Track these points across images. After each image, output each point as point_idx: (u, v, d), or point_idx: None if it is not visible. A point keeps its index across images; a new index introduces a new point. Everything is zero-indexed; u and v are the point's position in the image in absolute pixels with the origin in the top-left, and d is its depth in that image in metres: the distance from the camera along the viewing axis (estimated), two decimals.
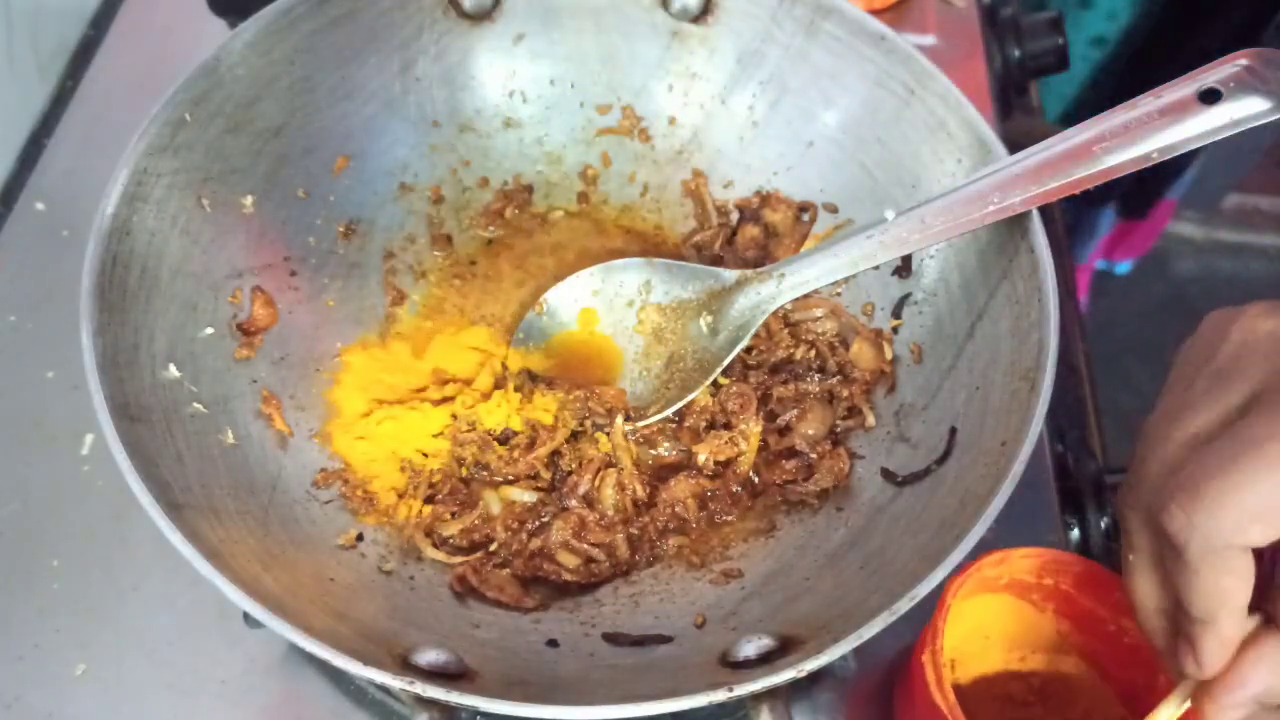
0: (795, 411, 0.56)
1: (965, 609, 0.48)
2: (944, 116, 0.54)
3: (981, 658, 0.53)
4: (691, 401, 0.56)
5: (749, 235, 0.62)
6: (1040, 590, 0.50)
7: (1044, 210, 0.49)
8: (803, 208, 0.61)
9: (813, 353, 0.58)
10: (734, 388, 0.56)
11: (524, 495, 0.54)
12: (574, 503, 0.53)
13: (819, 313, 0.58)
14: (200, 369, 0.50)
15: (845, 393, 0.56)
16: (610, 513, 0.53)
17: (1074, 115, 1.15)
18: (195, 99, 0.51)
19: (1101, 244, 1.52)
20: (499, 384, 0.58)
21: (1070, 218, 1.33)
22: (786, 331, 0.59)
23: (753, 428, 0.55)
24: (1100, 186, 0.46)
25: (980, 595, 0.49)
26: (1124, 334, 1.80)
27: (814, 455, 0.54)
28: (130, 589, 0.55)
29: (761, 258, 0.62)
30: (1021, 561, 0.48)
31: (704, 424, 0.56)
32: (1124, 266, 1.63)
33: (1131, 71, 1.10)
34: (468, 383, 0.58)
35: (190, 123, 0.51)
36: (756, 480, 0.55)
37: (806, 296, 0.57)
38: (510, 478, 0.54)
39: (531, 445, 0.55)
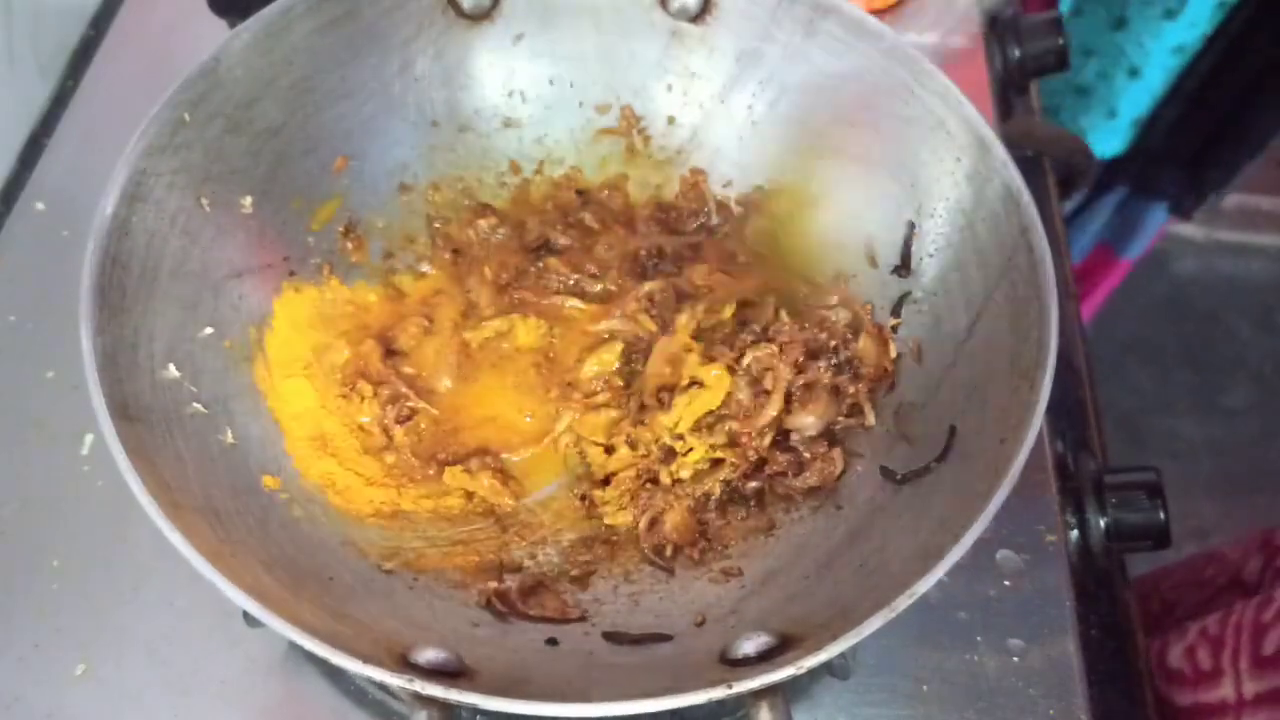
0: (801, 387, 0.55)
1: None
2: (943, 116, 0.54)
3: None
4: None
5: (757, 227, 0.62)
6: None
7: (1044, 210, 0.49)
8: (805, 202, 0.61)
9: (825, 335, 0.57)
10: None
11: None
12: None
13: (833, 300, 0.58)
14: (200, 369, 0.50)
15: (851, 389, 0.56)
16: None
17: (1151, 122, 1.15)
18: (195, 99, 0.51)
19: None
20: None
21: (1123, 210, 1.33)
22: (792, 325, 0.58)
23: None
24: (1152, 179, 0.44)
25: None
26: (1124, 334, 1.81)
27: (807, 455, 0.54)
28: (130, 589, 0.55)
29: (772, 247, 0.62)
30: None
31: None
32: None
33: (1212, 78, 1.10)
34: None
35: (190, 123, 0.51)
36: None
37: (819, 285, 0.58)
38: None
39: None
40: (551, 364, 0.58)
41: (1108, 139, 1.16)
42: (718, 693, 0.37)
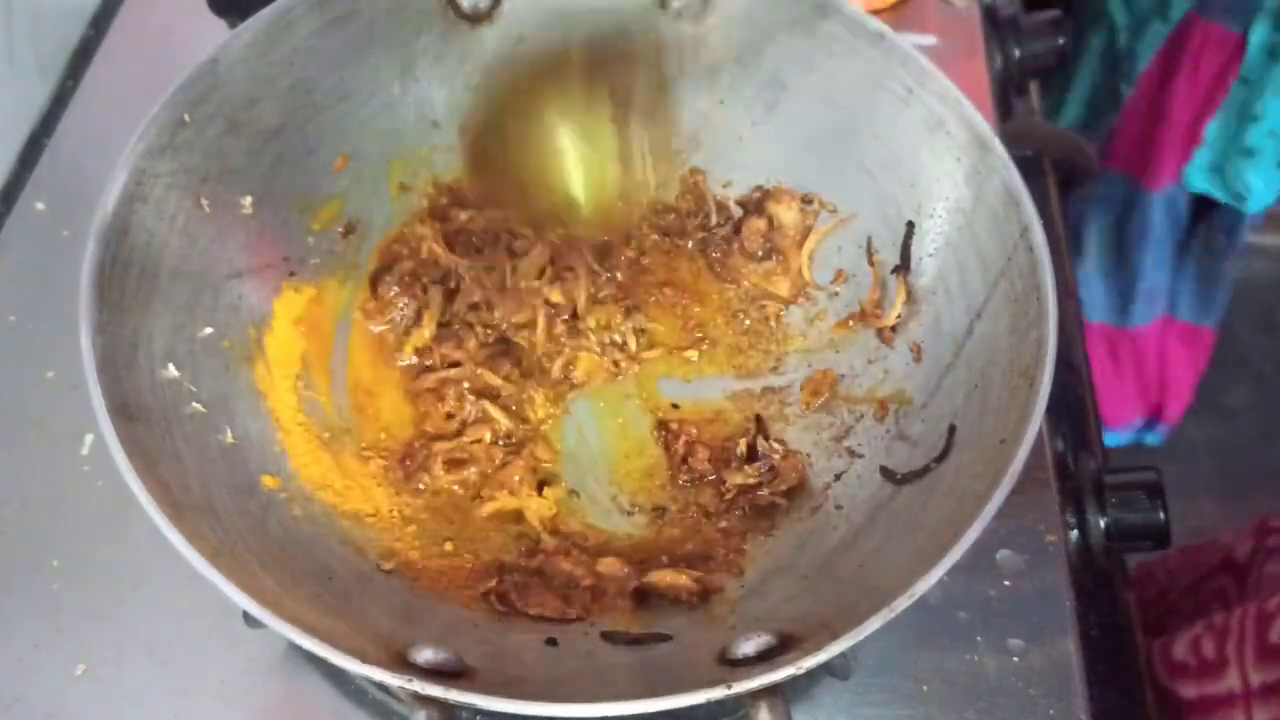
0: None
1: None
2: (943, 115, 0.54)
3: None
4: None
5: (754, 228, 0.62)
6: None
7: (1044, 210, 0.49)
8: (805, 199, 0.61)
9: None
10: None
11: None
12: None
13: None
14: (200, 369, 0.50)
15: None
16: None
17: None
18: (194, 99, 0.51)
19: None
20: None
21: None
22: None
23: None
24: None
25: None
26: None
27: (777, 458, 0.55)
28: (130, 589, 0.55)
29: (768, 250, 0.61)
30: None
31: None
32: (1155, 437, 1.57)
33: None
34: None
35: (189, 123, 0.51)
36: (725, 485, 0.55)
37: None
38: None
39: None
40: None
41: (1274, 189, 1.20)
42: (717, 693, 0.37)
